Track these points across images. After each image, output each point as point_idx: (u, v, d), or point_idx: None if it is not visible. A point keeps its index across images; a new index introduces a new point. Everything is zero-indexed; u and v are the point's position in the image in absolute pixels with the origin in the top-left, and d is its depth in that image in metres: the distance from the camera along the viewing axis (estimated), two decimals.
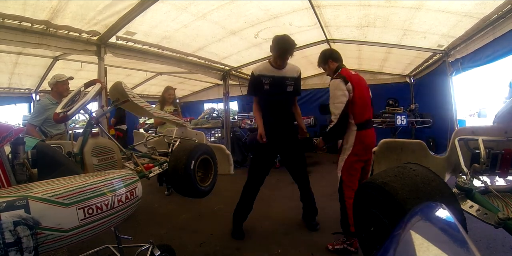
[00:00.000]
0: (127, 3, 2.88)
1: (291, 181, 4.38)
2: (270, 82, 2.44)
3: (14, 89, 5.80)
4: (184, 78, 7.56)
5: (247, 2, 3.30)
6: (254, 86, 2.48)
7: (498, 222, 1.05)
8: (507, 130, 1.45)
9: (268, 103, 2.52)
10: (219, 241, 2.45)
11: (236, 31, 4.10)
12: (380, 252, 0.57)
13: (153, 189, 4.07)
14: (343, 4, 3.50)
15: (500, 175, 1.43)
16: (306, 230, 2.62)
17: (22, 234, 0.75)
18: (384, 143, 2.15)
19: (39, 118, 2.96)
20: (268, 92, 2.46)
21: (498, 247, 2.14)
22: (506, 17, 2.78)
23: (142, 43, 3.87)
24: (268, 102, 2.51)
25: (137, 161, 2.10)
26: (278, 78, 2.46)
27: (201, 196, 2.13)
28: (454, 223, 0.60)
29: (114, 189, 1.04)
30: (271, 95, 2.48)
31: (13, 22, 2.70)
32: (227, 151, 2.62)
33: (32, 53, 4.42)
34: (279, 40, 2.38)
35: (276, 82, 2.45)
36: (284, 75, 2.48)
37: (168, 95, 4.17)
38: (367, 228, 1.18)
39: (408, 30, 3.97)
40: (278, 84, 2.46)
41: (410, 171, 1.13)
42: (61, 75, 3.18)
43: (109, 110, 2.39)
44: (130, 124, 8.17)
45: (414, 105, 5.89)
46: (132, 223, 2.81)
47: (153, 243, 1.74)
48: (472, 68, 3.89)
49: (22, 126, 4.56)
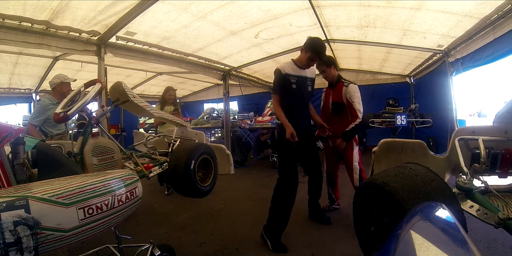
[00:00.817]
0: (127, 3, 2.88)
1: None
2: (296, 82, 2.46)
3: (14, 89, 5.81)
4: (184, 78, 7.56)
5: (247, 2, 3.30)
6: (281, 85, 2.44)
7: (498, 222, 1.05)
8: (507, 130, 1.45)
9: (293, 102, 2.49)
10: (219, 241, 2.45)
11: (236, 31, 4.10)
12: (380, 252, 0.57)
13: (153, 189, 4.07)
14: (343, 4, 3.50)
15: (500, 175, 1.43)
16: (306, 230, 2.62)
17: (22, 234, 0.75)
18: (384, 143, 2.16)
19: (40, 118, 2.96)
20: (295, 92, 2.46)
21: (498, 247, 2.13)
22: (506, 17, 2.78)
23: (142, 43, 3.87)
24: (293, 101, 2.49)
25: (137, 161, 2.10)
26: (302, 78, 2.50)
27: (201, 196, 2.13)
28: (454, 223, 0.60)
29: (114, 189, 1.04)
30: (297, 95, 2.49)
31: (13, 22, 2.70)
32: (227, 151, 2.62)
33: (32, 53, 4.42)
34: (316, 43, 2.39)
35: (301, 82, 2.49)
36: (306, 76, 2.53)
37: (168, 96, 4.17)
38: (367, 228, 1.18)
39: (408, 30, 3.97)
40: (302, 84, 2.50)
41: (410, 171, 1.13)
42: (65, 76, 3.17)
43: (109, 110, 2.39)
44: (130, 124, 8.20)
45: (414, 105, 5.89)
46: (132, 223, 2.81)
47: (153, 243, 1.74)
48: (472, 68, 3.89)
49: (22, 126, 4.56)
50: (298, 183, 2.38)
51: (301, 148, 2.55)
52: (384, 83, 7.36)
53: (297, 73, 2.47)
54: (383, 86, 7.31)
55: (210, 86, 9.27)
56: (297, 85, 2.45)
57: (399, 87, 7.18)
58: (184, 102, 10.41)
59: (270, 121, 5.43)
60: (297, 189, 2.37)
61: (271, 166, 5.53)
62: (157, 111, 2.77)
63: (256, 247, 2.33)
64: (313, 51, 2.36)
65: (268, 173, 5.08)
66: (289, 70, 2.45)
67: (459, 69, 4.09)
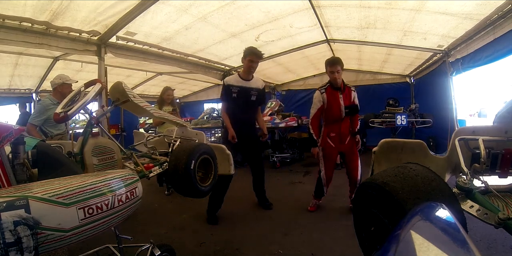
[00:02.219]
0: (127, 4, 2.88)
1: (291, 181, 4.42)
2: (238, 91, 2.92)
3: (15, 89, 5.81)
4: (184, 78, 7.56)
5: (247, 3, 3.29)
6: (224, 94, 2.95)
7: (499, 222, 1.05)
8: (507, 130, 1.45)
9: (235, 109, 2.96)
10: (220, 241, 2.45)
11: (236, 33, 4.10)
12: (380, 252, 0.57)
13: (153, 189, 4.07)
14: (343, 4, 3.50)
15: (500, 175, 1.43)
16: (306, 230, 2.62)
17: (22, 234, 0.75)
18: (385, 143, 2.15)
19: (40, 118, 2.96)
20: (236, 100, 2.92)
21: (498, 247, 2.13)
22: (506, 17, 2.78)
23: (143, 43, 3.87)
24: (236, 108, 2.95)
25: (138, 161, 2.09)
26: (245, 89, 2.94)
27: (201, 196, 2.12)
28: (455, 223, 0.60)
29: (114, 189, 1.04)
30: (238, 102, 2.94)
31: (14, 22, 2.70)
32: (227, 151, 2.62)
33: (33, 54, 4.42)
34: (246, 49, 2.92)
35: (243, 92, 2.93)
36: (250, 86, 2.98)
37: (166, 96, 4.15)
38: (368, 228, 1.18)
39: (408, 31, 3.97)
40: (244, 93, 2.94)
41: (410, 171, 1.13)
42: (66, 77, 3.16)
43: (109, 110, 2.39)
44: (130, 124, 8.20)
45: (414, 105, 5.88)
46: (132, 223, 2.81)
47: (153, 243, 1.74)
48: (472, 68, 3.89)
49: (22, 126, 4.56)
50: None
51: (245, 147, 3.05)
52: (384, 83, 7.36)
53: (239, 84, 2.92)
54: (383, 86, 7.31)
55: (210, 86, 9.27)
56: (237, 95, 2.91)
57: (399, 87, 7.18)
58: (184, 102, 10.41)
59: (270, 121, 5.43)
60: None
61: (271, 166, 5.53)
62: (157, 111, 2.76)
63: (256, 247, 2.33)
64: (248, 53, 2.87)
65: (268, 173, 5.06)
66: (232, 81, 2.94)
67: (459, 69, 4.09)
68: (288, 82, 8.55)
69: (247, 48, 2.93)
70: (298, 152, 6.32)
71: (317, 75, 8.02)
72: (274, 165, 5.57)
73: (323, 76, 8.04)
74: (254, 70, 2.96)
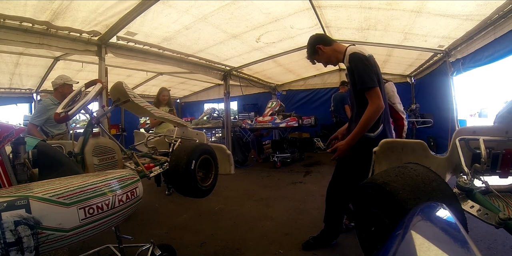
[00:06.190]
0: (128, 4, 2.88)
1: (292, 181, 4.43)
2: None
3: (15, 89, 5.82)
4: (185, 78, 7.57)
5: (248, 4, 3.29)
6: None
7: (499, 222, 1.05)
8: (508, 130, 1.45)
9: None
10: (220, 241, 2.45)
11: (237, 34, 4.10)
12: (381, 252, 0.57)
13: (154, 189, 4.07)
14: (343, 5, 3.49)
15: (501, 175, 1.42)
16: (307, 230, 2.62)
17: (23, 233, 0.75)
18: (385, 143, 2.14)
19: (41, 118, 2.97)
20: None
21: (499, 248, 2.13)
22: (507, 17, 2.78)
23: (143, 43, 3.87)
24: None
25: (138, 161, 2.09)
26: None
27: (202, 196, 2.12)
28: (455, 223, 0.60)
29: (114, 189, 1.04)
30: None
31: (14, 22, 2.70)
32: (228, 151, 2.62)
33: (33, 54, 4.43)
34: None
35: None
36: None
37: (162, 97, 4.15)
38: (368, 228, 1.17)
39: (409, 33, 3.96)
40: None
41: (411, 171, 1.13)
42: (68, 77, 3.18)
43: (110, 110, 2.39)
44: (131, 124, 8.20)
45: (415, 105, 5.88)
46: (132, 223, 2.81)
47: (153, 243, 1.74)
48: (473, 68, 3.88)
49: (23, 126, 4.57)
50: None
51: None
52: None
53: None
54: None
55: (210, 86, 9.28)
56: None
57: (399, 87, 7.14)
58: (184, 102, 10.42)
59: (271, 121, 5.44)
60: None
61: (271, 166, 5.53)
62: (158, 111, 2.76)
63: (256, 247, 2.33)
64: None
65: (269, 173, 5.08)
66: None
67: (460, 69, 4.08)
68: (288, 82, 8.56)
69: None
70: (299, 152, 6.32)
71: (318, 75, 8.03)
72: (275, 165, 5.58)
73: (323, 76, 8.06)
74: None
